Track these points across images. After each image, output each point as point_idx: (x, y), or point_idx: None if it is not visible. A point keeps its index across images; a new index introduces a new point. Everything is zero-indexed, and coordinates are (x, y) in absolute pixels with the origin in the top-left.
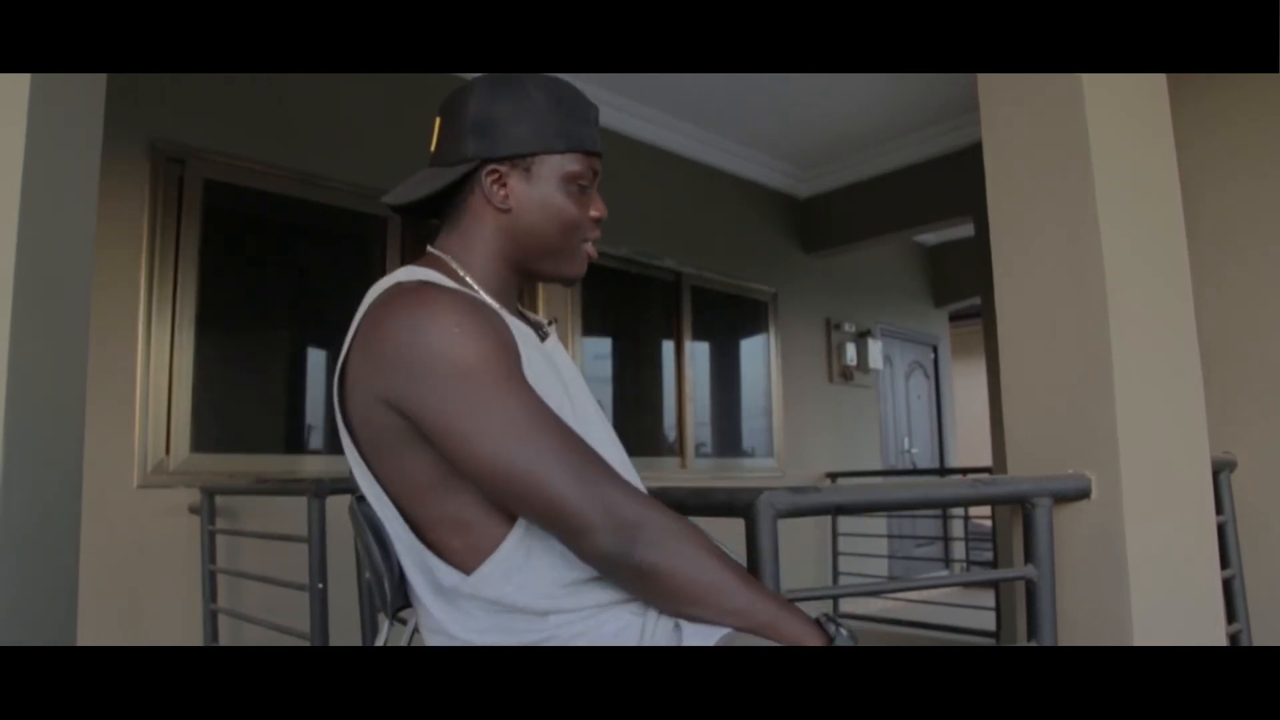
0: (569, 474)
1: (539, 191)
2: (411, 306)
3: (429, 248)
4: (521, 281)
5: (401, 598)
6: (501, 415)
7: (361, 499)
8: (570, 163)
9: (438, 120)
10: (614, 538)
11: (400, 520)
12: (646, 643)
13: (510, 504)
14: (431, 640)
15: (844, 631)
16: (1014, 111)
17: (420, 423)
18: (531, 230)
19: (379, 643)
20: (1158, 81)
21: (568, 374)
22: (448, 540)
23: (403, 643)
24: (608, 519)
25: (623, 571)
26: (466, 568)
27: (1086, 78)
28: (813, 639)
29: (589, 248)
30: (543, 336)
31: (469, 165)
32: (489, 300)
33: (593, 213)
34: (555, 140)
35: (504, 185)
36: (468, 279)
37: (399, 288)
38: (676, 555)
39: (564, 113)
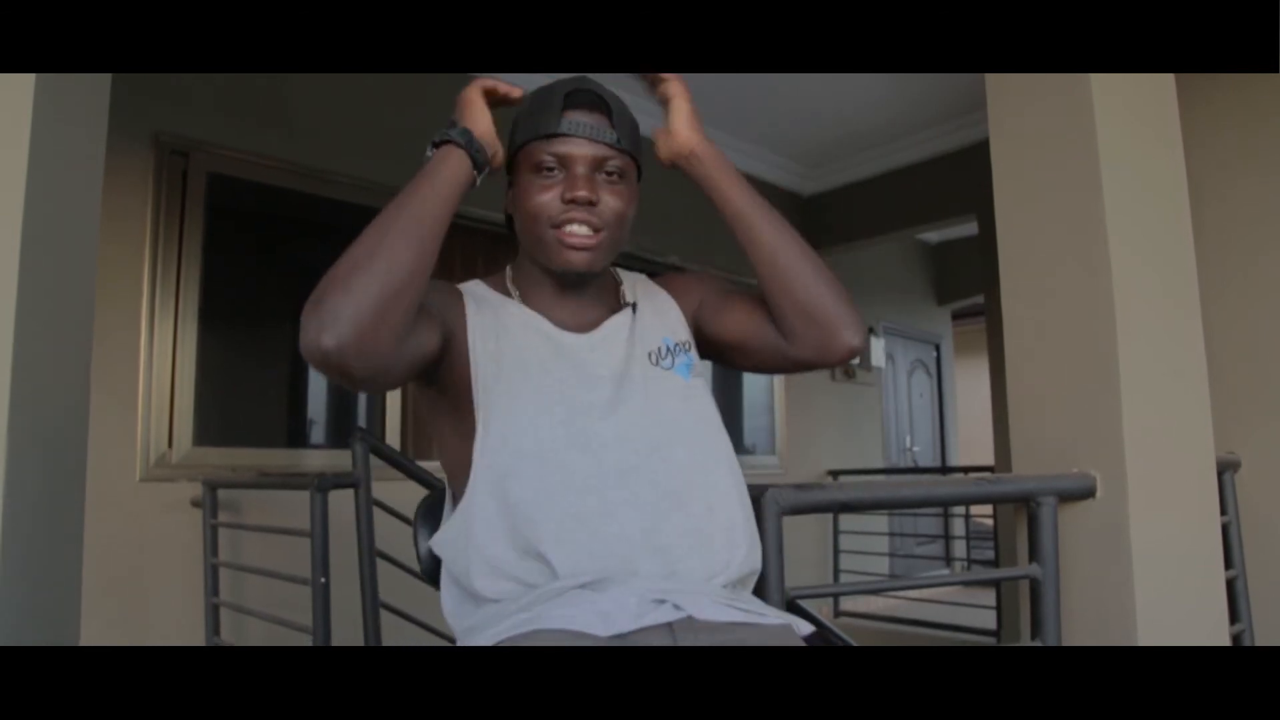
0: None
1: (516, 189)
2: None
3: None
4: (560, 280)
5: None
6: None
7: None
8: (529, 153)
9: None
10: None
11: (446, 482)
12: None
13: None
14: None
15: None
16: (1022, 112)
17: None
18: (519, 227)
19: None
20: (1166, 82)
21: (557, 357)
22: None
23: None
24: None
25: (330, 364)
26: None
27: (1095, 78)
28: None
29: (565, 234)
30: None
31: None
32: (490, 292)
33: (566, 195)
34: (518, 135)
35: (511, 195)
36: (511, 284)
37: None
38: (334, 283)
39: (530, 108)
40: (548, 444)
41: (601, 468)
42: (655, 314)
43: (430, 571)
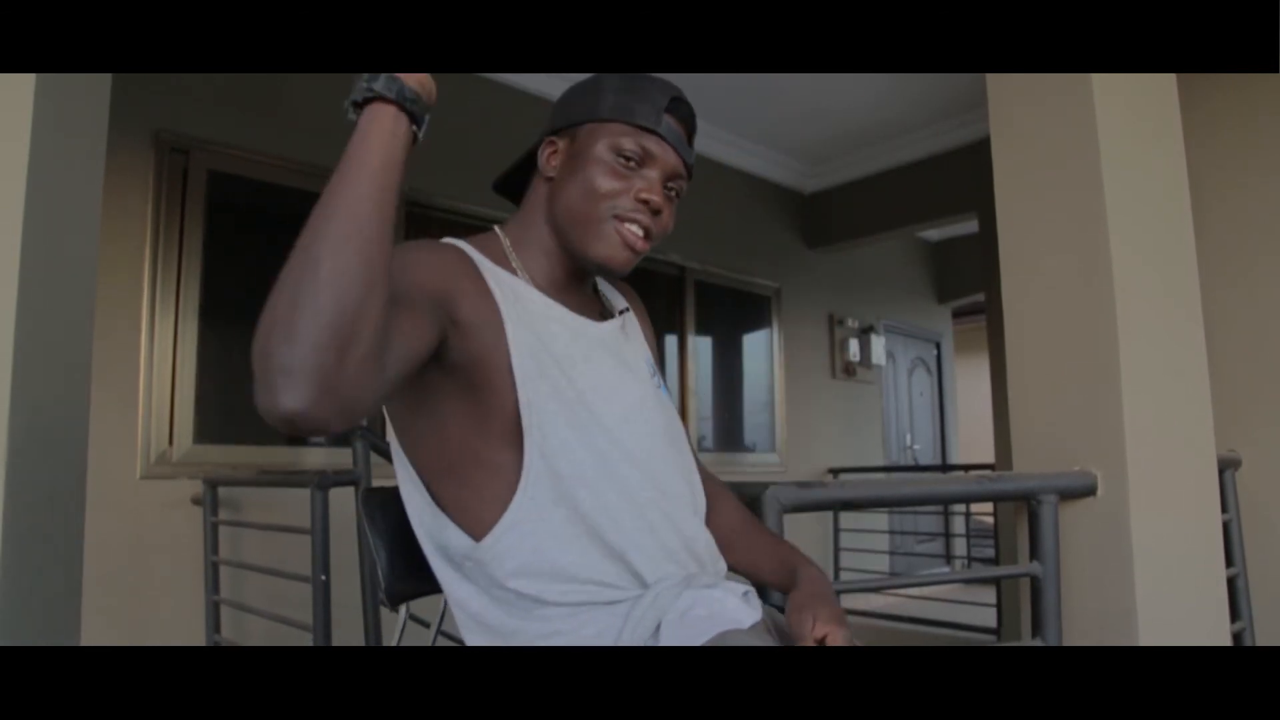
0: None
1: (577, 159)
2: None
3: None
4: (577, 267)
5: (399, 582)
6: None
7: (369, 491)
8: (614, 132)
9: None
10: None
11: (416, 478)
12: (624, 644)
13: None
14: (456, 613)
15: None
16: (1024, 111)
17: None
18: (561, 198)
19: (395, 638)
20: (1167, 81)
21: (587, 356)
22: (456, 514)
23: (429, 638)
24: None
25: (300, 426)
26: (475, 535)
27: (1096, 77)
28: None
29: (625, 230)
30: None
31: (536, 144)
32: (495, 266)
33: (641, 194)
34: (603, 110)
35: (555, 155)
36: (512, 253)
37: None
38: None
39: (621, 88)
40: (605, 456)
41: (647, 480)
42: (634, 328)
43: (395, 589)
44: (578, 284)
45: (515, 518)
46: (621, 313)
